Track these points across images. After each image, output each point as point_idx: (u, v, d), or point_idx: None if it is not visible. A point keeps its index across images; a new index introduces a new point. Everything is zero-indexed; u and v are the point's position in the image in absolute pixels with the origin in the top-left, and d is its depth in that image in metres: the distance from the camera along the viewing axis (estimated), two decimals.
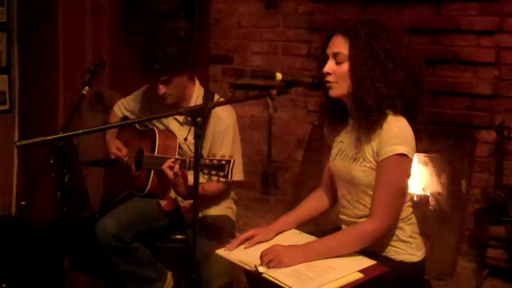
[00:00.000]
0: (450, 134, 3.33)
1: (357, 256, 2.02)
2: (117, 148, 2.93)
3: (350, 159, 2.10)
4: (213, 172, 2.11)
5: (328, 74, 2.06)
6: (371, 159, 2.03)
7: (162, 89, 2.69)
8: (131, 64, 2.80)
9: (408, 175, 2.05)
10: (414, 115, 2.05)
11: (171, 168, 2.48)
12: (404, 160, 1.98)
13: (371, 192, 2.05)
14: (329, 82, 2.06)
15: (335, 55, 2.05)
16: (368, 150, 2.04)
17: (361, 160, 2.06)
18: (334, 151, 2.22)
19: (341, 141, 2.19)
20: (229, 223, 2.87)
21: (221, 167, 2.10)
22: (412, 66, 2.03)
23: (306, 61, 3.79)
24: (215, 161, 2.11)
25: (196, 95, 2.83)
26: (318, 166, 3.27)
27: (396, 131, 1.99)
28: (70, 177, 2.04)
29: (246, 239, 2.18)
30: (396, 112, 2.01)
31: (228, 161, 2.10)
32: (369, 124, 2.00)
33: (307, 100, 3.82)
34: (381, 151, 1.99)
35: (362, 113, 2.01)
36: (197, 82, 2.87)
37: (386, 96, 1.98)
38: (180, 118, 2.82)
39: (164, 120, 2.85)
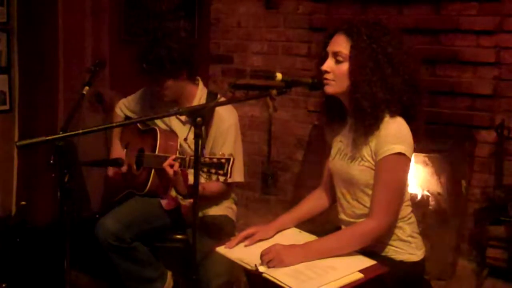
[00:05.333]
0: (450, 134, 3.33)
1: (357, 256, 2.02)
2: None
3: (349, 159, 2.11)
4: (213, 171, 2.10)
5: (326, 72, 2.06)
6: (369, 158, 2.04)
7: (155, 87, 2.72)
8: (131, 64, 2.79)
9: (406, 173, 2.06)
10: (411, 119, 2.05)
11: (171, 166, 2.48)
12: (402, 159, 1.99)
13: (369, 192, 2.06)
14: (326, 80, 2.06)
15: (335, 54, 2.05)
16: (366, 150, 2.04)
17: (359, 159, 2.06)
18: (333, 150, 2.23)
19: (340, 141, 2.20)
20: (229, 223, 2.87)
21: (220, 165, 2.09)
22: (411, 71, 2.03)
23: (306, 61, 3.80)
24: (214, 160, 2.10)
25: (199, 96, 2.82)
26: (318, 166, 3.26)
27: (394, 131, 1.99)
28: (70, 177, 2.03)
29: (246, 237, 2.19)
30: (393, 114, 2.02)
31: (228, 160, 2.09)
32: (365, 127, 2.01)
33: (307, 100, 3.82)
34: (379, 151, 2.00)
35: (358, 115, 2.02)
36: (200, 82, 2.87)
37: (382, 101, 1.99)
38: (182, 117, 2.82)
39: (166, 118, 2.85)
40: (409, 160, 2.02)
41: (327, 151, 2.29)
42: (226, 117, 2.73)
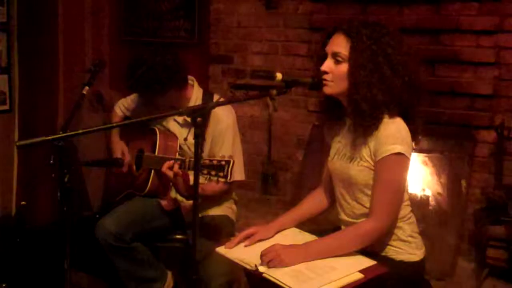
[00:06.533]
0: (450, 134, 3.33)
1: (357, 256, 2.02)
2: (122, 153, 2.92)
3: (348, 159, 2.11)
4: (213, 173, 2.11)
5: (325, 73, 2.06)
6: (368, 158, 2.04)
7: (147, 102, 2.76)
8: None
9: (406, 173, 2.06)
10: (410, 120, 2.05)
11: (170, 168, 2.48)
12: (401, 159, 1.99)
13: (368, 192, 2.06)
14: (325, 80, 2.06)
15: (334, 54, 2.05)
16: (365, 150, 2.04)
17: (358, 159, 2.06)
18: (332, 150, 2.23)
19: (339, 141, 2.20)
20: (229, 223, 2.87)
21: (220, 167, 2.09)
22: (410, 72, 2.03)
23: (306, 61, 3.79)
24: (214, 162, 2.11)
25: (195, 97, 2.82)
26: (318, 166, 3.27)
27: (393, 131, 1.99)
28: (70, 177, 2.03)
29: (246, 237, 2.19)
30: (392, 115, 2.01)
31: (228, 162, 2.09)
32: (364, 128, 2.01)
33: (307, 100, 3.82)
34: (378, 151, 2.00)
35: (356, 116, 2.02)
36: (195, 83, 2.87)
37: (381, 103, 1.99)
38: (180, 119, 2.82)
39: (164, 121, 2.85)
40: (408, 160, 2.02)
41: (326, 151, 2.29)
42: (223, 117, 2.72)
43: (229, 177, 2.09)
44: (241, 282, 2.77)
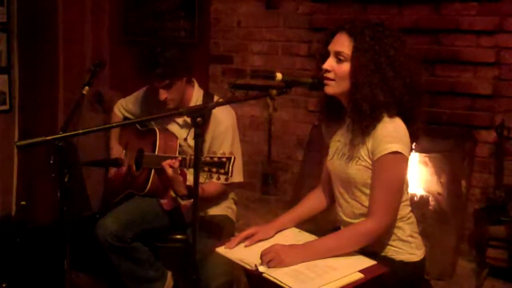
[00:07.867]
0: (450, 134, 3.33)
1: (357, 256, 2.02)
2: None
3: (347, 158, 2.11)
4: (214, 170, 2.10)
5: (327, 71, 2.06)
6: (366, 158, 2.04)
7: (163, 94, 2.69)
8: (131, 64, 2.79)
9: (404, 172, 2.05)
10: (410, 121, 2.05)
11: (171, 165, 2.48)
12: (399, 157, 1.99)
13: (367, 191, 2.06)
14: (327, 78, 2.06)
15: (337, 53, 2.05)
16: (363, 149, 2.04)
17: (356, 159, 2.06)
18: (331, 150, 2.23)
19: (338, 140, 2.20)
20: (229, 223, 2.87)
21: (221, 164, 2.09)
22: (411, 74, 2.03)
23: (306, 61, 3.80)
24: (215, 159, 2.10)
25: (196, 97, 2.83)
26: (318, 166, 3.27)
27: (390, 130, 1.99)
28: (70, 177, 2.03)
29: (246, 237, 2.19)
30: (391, 115, 2.01)
31: (229, 158, 2.09)
32: (362, 128, 2.01)
33: (307, 100, 3.82)
34: (376, 150, 2.00)
35: (356, 116, 2.02)
36: (196, 84, 2.87)
37: (382, 103, 1.99)
38: (180, 120, 2.82)
39: (163, 123, 2.85)
40: (407, 158, 2.02)
41: (326, 150, 2.29)
42: (222, 118, 2.72)
43: (230, 174, 2.08)
44: (241, 282, 2.77)
